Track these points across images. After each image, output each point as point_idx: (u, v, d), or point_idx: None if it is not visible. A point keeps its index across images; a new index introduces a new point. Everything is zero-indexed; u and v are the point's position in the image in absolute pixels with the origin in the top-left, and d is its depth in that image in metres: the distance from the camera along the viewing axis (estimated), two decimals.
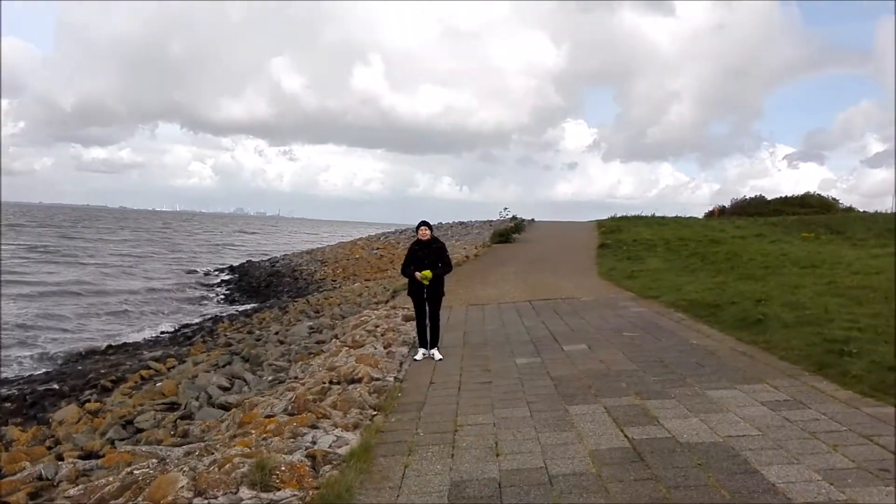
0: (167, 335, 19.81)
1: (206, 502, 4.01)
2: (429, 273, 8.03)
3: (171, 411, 8.95)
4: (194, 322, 22.30)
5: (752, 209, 37.40)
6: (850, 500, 3.75)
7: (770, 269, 14.46)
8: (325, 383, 7.05)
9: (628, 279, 15.32)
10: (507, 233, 29.45)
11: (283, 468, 4.32)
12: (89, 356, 16.72)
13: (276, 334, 14.47)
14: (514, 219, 34.96)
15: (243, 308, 24.65)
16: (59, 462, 6.48)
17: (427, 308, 8.26)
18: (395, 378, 7.18)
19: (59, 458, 7.20)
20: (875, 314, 8.79)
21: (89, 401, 10.73)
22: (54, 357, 16.85)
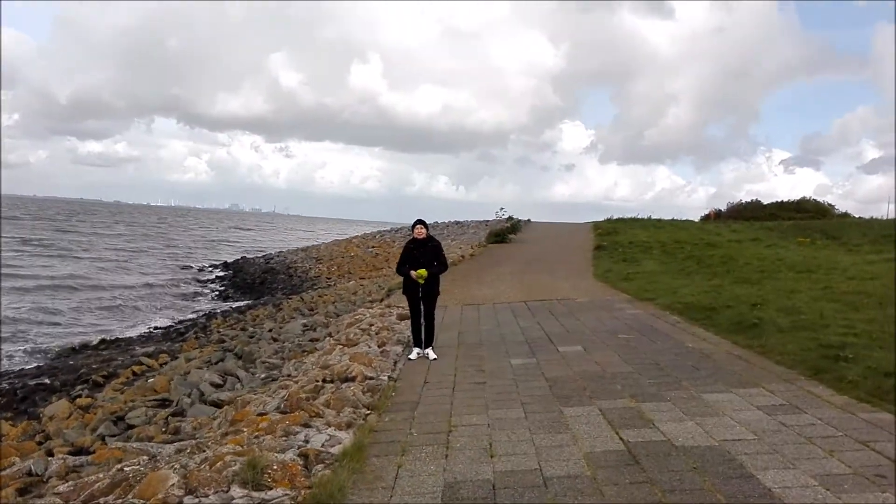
0: (160, 331, 19.72)
1: (196, 501, 3.96)
2: (424, 272, 8.00)
3: (162, 408, 8.87)
4: (187, 318, 22.22)
5: (748, 213, 37.54)
6: None
7: (766, 274, 14.48)
8: (318, 381, 7.01)
9: (624, 281, 15.31)
10: (504, 233, 29.44)
11: (275, 467, 4.27)
12: (81, 351, 16.63)
13: (270, 332, 14.40)
14: (510, 219, 34.96)
15: (237, 305, 24.57)
16: (49, 458, 6.42)
17: (422, 307, 8.22)
18: (389, 377, 7.14)
19: (49, 453, 7.13)
20: (871, 320, 8.80)
21: (80, 396, 10.65)
22: (46, 351, 16.75)
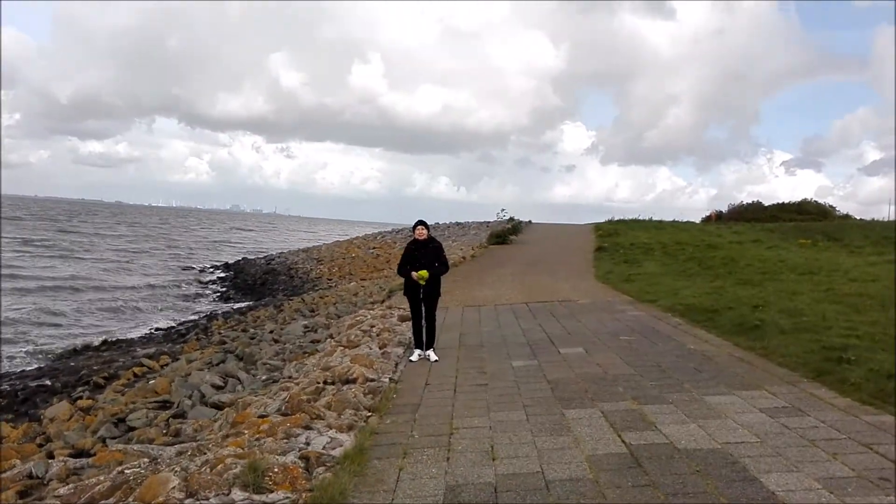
0: (161, 332, 19.71)
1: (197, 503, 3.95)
2: (425, 273, 7.99)
3: (163, 410, 8.86)
4: (188, 319, 22.21)
5: (750, 215, 37.52)
6: None
7: (767, 275, 14.45)
8: (319, 383, 6.99)
9: (625, 283, 15.29)
10: (505, 234, 29.42)
11: (276, 469, 4.26)
12: (82, 352, 16.62)
13: (271, 333, 14.39)
14: (511, 220, 34.95)
15: (238, 306, 24.56)
16: (50, 460, 6.40)
17: (423, 308, 8.20)
18: (391, 379, 7.12)
19: (50, 455, 7.11)
20: (873, 322, 8.77)
21: (81, 398, 10.63)
22: (47, 353, 16.74)
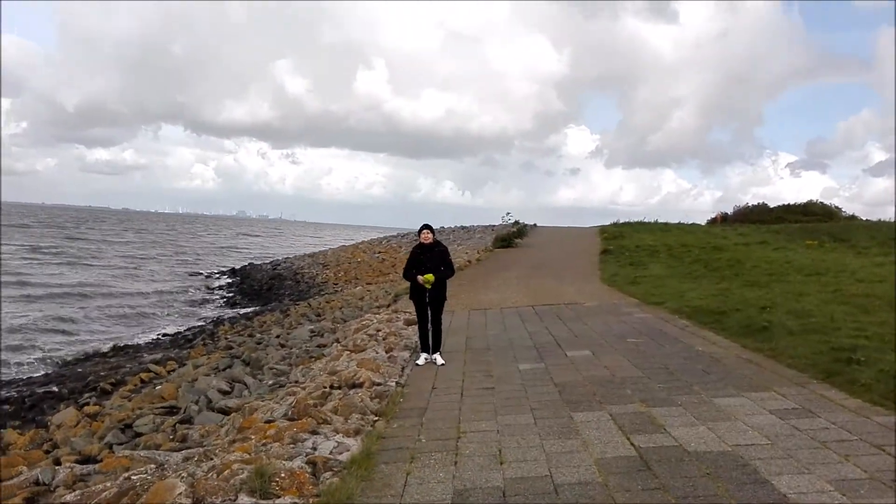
0: (168, 338, 19.74)
1: None
2: (431, 277, 7.97)
3: (170, 415, 8.85)
4: (195, 325, 22.25)
5: (755, 217, 37.35)
6: None
7: (774, 277, 14.37)
8: (325, 388, 6.97)
9: (631, 285, 15.24)
10: (510, 237, 29.38)
11: (283, 475, 4.24)
12: (89, 358, 16.66)
13: (277, 338, 14.39)
14: (516, 224, 34.90)
15: (245, 311, 24.59)
16: (57, 467, 6.39)
17: (429, 312, 8.19)
18: (397, 383, 7.10)
19: (57, 462, 7.11)
20: (881, 322, 8.71)
21: (88, 404, 10.65)
22: (54, 359, 16.79)
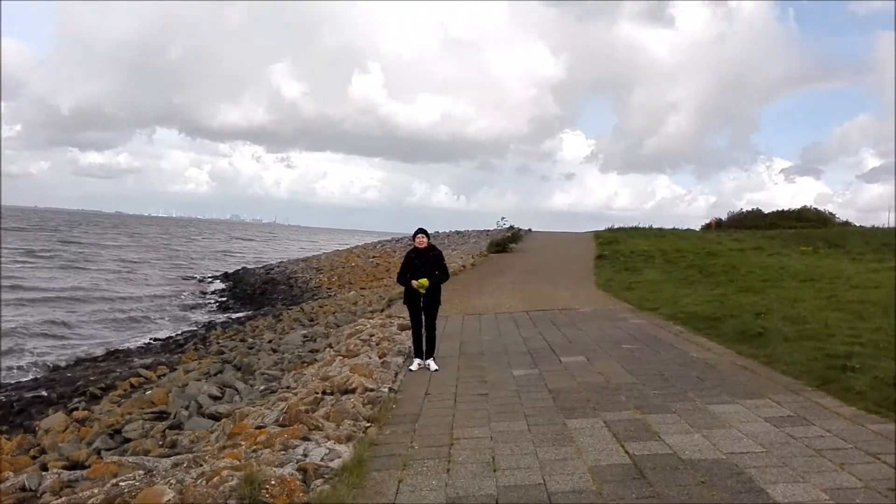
0: (159, 342, 19.59)
1: None
2: (425, 281, 7.92)
3: (160, 420, 8.76)
4: (187, 329, 22.11)
5: (749, 222, 37.48)
6: None
7: (769, 283, 14.37)
8: (317, 393, 6.91)
9: (626, 290, 15.21)
10: (504, 242, 29.36)
11: (273, 482, 4.18)
12: (79, 363, 16.51)
13: (269, 342, 14.29)
14: (511, 228, 34.91)
15: (237, 315, 24.46)
16: (44, 472, 6.30)
17: (423, 317, 8.13)
18: (390, 389, 7.04)
19: (44, 468, 7.02)
20: (876, 329, 8.70)
21: (77, 408, 10.52)
22: (44, 363, 16.63)
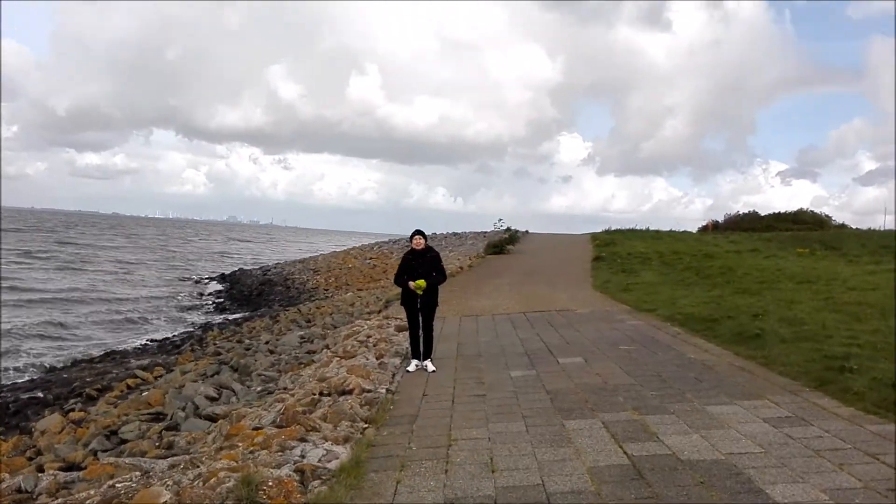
0: (155, 343, 19.55)
1: None
2: (423, 283, 7.90)
3: (156, 422, 8.72)
4: (184, 330, 22.06)
5: (746, 224, 37.57)
6: None
7: (766, 284, 14.40)
8: (315, 395, 6.88)
9: (623, 292, 15.22)
10: (502, 244, 29.34)
11: (271, 483, 4.15)
12: (76, 364, 16.45)
13: (267, 344, 14.25)
14: (508, 230, 34.89)
15: (234, 317, 24.41)
16: (40, 474, 6.27)
17: (420, 318, 8.11)
18: (388, 390, 7.01)
19: (40, 469, 6.98)
20: (874, 330, 8.72)
21: (73, 410, 10.49)
22: (41, 364, 16.57)
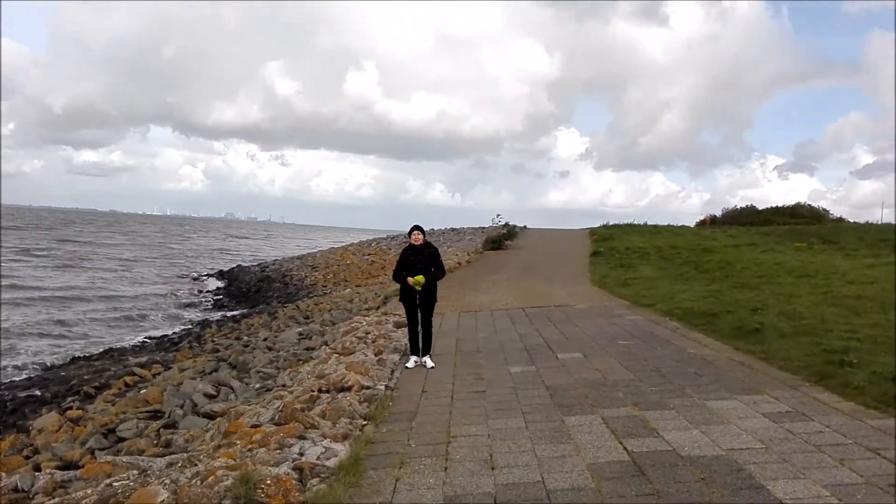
0: (154, 340, 19.50)
1: None
2: (421, 278, 7.88)
3: (154, 420, 8.69)
4: (182, 327, 22.02)
5: (744, 219, 37.54)
6: None
7: (765, 279, 14.39)
8: (313, 392, 6.85)
9: (622, 287, 15.20)
10: (500, 239, 29.31)
11: (269, 482, 4.12)
12: (74, 362, 16.41)
13: (265, 340, 14.21)
14: (506, 226, 34.84)
15: (232, 313, 24.38)
16: (37, 473, 6.25)
17: (419, 314, 8.09)
18: (386, 386, 6.99)
19: (37, 468, 6.95)
20: (873, 324, 8.71)
21: (71, 408, 10.45)
22: (39, 362, 16.52)
